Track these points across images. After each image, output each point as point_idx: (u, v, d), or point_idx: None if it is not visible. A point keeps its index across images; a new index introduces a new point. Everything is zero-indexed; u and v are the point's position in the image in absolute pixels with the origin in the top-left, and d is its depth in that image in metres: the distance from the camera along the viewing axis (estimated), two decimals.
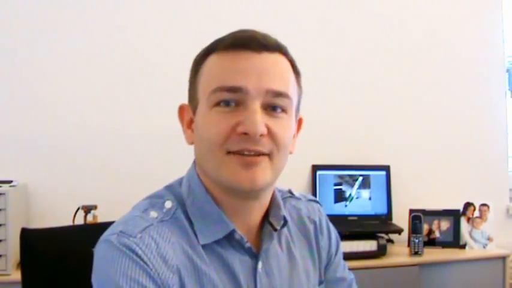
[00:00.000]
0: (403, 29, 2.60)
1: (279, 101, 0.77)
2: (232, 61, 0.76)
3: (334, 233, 0.99)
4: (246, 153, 0.75)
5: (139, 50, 2.28)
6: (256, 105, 0.74)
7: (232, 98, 0.75)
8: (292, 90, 0.80)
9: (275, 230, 0.84)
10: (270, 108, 0.76)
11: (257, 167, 0.75)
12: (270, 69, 0.76)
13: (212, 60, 0.79)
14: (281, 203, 0.86)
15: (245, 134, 0.74)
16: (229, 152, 0.75)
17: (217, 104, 0.76)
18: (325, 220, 0.98)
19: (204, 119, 0.77)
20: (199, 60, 0.81)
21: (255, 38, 0.77)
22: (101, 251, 0.74)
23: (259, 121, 0.74)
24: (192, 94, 0.82)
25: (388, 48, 2.58)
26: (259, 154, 0.75)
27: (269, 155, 0.77)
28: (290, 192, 0.97)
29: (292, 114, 0.81)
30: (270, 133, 0.76)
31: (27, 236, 1.18)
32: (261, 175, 0.76)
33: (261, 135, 0.74)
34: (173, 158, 1.96)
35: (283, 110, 0.78)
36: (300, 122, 0.88)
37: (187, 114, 0.84)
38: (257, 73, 0.75)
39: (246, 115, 0.74)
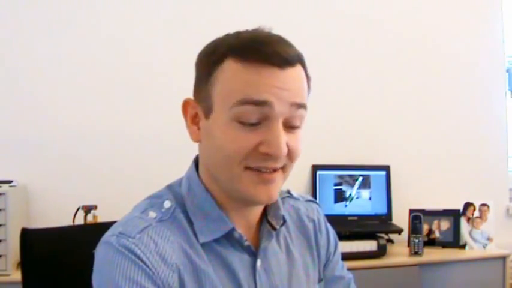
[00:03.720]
0: (403, 29, 2.60)
1: (299, 113, 0.77)
2: (257, 75, 0.74)
3: (332, 232, 1.00)
4: (263, 169, 0.76)
5: (140, 52, 2.28)
6: (279, 124, 0.74)
7: (257, 112, 0.73)
8: (307, 98, 0.80)
9: (274, 229, 0.85)
10: (290, 125, 0.77)
11: (274, 183, 0.77)
12: (292, 84, 0.75)
13: (232, 67, 0.75)
14: (280, 203, 0.87)
15: (267, 154, 0.74)
16: (246, 168, 0.75)
17: (240, 119, 0.74)
18: (323, 220, 0.99)
19: (223, 131, 0.75)
20: (215, 61, 0.77)
21: (278, 54, 0.74)
22: (100, 252, 0.75)
23: (283, 143, 0.74)
24: (203, 94, 0.79)
25: (387, 49, 2.58)
26: (276, 170, 0.77)
27: (283, 168, 0.78)
28: (289, 192, 0.98)
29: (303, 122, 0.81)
30: (288, 150, 0.76)
31: (28, 236, 1.18)
32: (276, 190, 0.78)
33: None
34: (173, 158, 1.95)
35: (301, 124, 0.78)
36: None
37: (192, 109, 0.82)
38: (282, 89, 0.74)
39: (270, 136, 0.74)
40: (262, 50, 0.74)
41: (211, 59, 0.77)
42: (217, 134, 0.76)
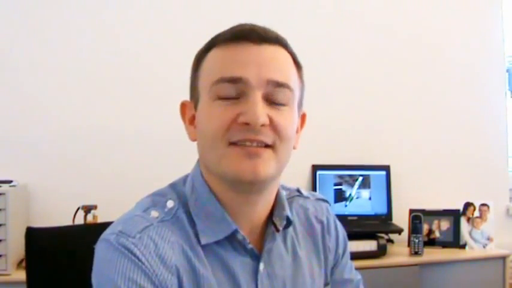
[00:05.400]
0: (403, 30, 2.60)
1: (281, 92, 0.76)
2: (232, 53, 0.76)
3: (342, 233, 0.97)
4: (248, 143, 0.74)
5: (141, 52, 2.28)
6: (257, 96, 0.74)
7: (233, 89, 0.74)
8: (293, 82, 0.79)
9: (277, 230, 0.83)
10: (272, 100, 0.76)
11: (260, 157, 0.74)
12: (270, 61, 0.76)
13: (213, 54, 0.79)
14: (286, 203, 0.85)
15: (246, 124, 0.73)
16: (230, 143, 0.74)
17: (219, 96, 0.75)
18: (333, 220, 0.96)
19: (206, 112, 0.77)
20: (200, 56, 0.81)
21: (254, 31, 0.77)
22: (100, 250, 0.74)
23: (261, 111, 0.73)
24: (193, 90, 0.82)
25: (388, 48, 2.58)
26: (262, 145, 0.74)
27: (272, 146, 0.75)
28: (298, 190, 0.96)
29: (295, 108, 0.80)
30: (272, 124, 0.75)
31: (32, 235, 1.19)
32: (263, 166, 0.74)
33: (263, 125, 0.73)
34: (173, 159, 1.96)
35: (285, 102, 0.77)
36: (303, 118, 0.87)
37: (189, 110, 0.83)
38: (257, 64, 0.75)
39: (247, 106, 0.73)
40: (238, 29, 0.78)
41: (198, 55, 0.82)
42: (202, 117, 0.78)
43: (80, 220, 1.98)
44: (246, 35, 0.76)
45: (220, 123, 0.74)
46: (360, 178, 2.43)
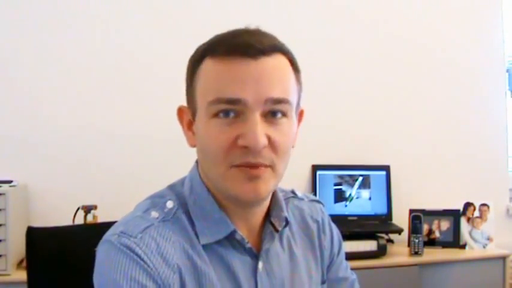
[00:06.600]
0: (403, 29, 2.60)
1: (279, 107, 0.75)
2: (228, 69, 0.74)
3: (336, 233, 0.99)
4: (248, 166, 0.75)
5: (141, 52, 2.28)
6: (256, 116, 0.73)
7: (231, 109, 0.74)
8: (292, 92, 0.78)
9: (276, 231, 0.85)
10: (270, 115, 0.75)
11: (260, 178, 0.75)
12: (268, 76, 0.74)
13: (208, 64, 0.76)
14: (283, 204, 0.86)
15: (246, 147, 0.73)
16: (232, 166, 0.74)
17: (216, 114, 0.74)
18: (327, 220, 0.98)
19: (204, 129, 0.76)
20: (195, 62, 0.79)
21: (250, 44, 0.74)
22: (101, 251, 0.75)
23: (260, 134, 0.72)
24: (190, 97, 0.81)
25: (387, 48, 2.58)
26: (261, 166, 0.75)
27: (271, 166, 0.76)
28: (293, 192, 0.97)
29: (293, 116, 0.80)
30: (271, 142, 0.74)
31: (33, 235, 1.19)
32: (264, 187, 0.75)
33: (263, 146, 0.73)
34: (173, 159, 1.96)
35: (284, 115, 0.76)
36: (301, 114, 0.86)
37: (187, 116, 0.83)
38: (255, 81, 0.73)
39: (246, 128, 0.72)
40: (232, 41, 0.75)
41: (193, 61, 0.80)
42: (201, 133, 0.78)
43: (80, 220, 1.98)
44: (242, 49, 0.73)
45: (220, 145, 0.74)
46: (360, 178, 2.43)
